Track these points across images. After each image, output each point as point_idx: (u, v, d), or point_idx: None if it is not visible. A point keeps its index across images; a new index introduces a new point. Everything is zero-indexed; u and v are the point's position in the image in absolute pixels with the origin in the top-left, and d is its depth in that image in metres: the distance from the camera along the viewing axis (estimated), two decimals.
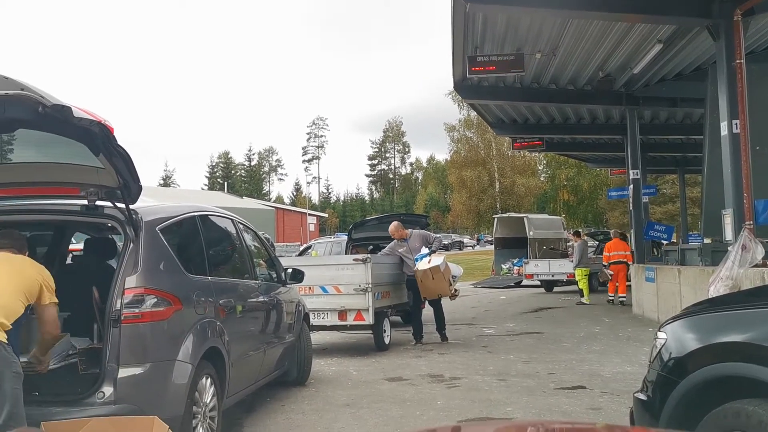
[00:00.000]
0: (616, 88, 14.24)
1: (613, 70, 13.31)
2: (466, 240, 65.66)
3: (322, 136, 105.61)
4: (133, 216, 4.24)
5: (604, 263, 16.07)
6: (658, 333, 3.42)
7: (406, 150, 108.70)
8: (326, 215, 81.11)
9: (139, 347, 4.05)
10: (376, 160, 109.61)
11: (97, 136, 3.53)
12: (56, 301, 3.90)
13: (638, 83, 14.12)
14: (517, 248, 23.92)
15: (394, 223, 10.59)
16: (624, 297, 15.32)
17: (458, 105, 43.74)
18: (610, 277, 15.84)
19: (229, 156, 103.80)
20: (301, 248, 23.89)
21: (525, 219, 24.08)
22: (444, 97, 48.57)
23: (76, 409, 3.81)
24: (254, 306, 5.79)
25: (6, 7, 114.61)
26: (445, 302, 10.42)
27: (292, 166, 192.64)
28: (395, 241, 10.40)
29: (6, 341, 3.42)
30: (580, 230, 22.75)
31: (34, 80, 3.25)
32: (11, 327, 3.56)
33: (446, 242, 49.48)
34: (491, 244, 51.09)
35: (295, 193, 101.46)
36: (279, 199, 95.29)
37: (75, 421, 3.62)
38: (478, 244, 60.75)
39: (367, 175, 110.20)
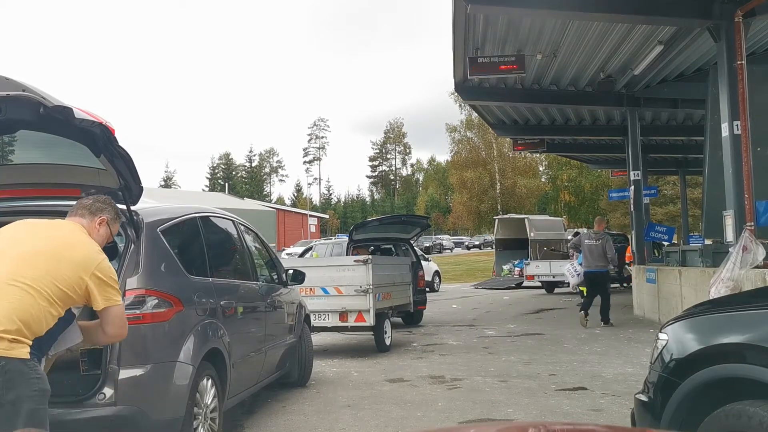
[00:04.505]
0: (617, 90, 14.24)
1: (614, 71, 13.31)
2: (445, 241, 59.72)
3: (323, 137, 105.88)
4: (134, 217, 4.23)
5: (626, 262, 18.52)
6: (660, 334, 3.41)
7: (407, 151, 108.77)
8: (327, 216, 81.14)
9: (140, 348, 4.04)
10: (377, 161, 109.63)
11: (99, 138, 3.52)
12: (117, 302, 3.19)
13: (639, 84, 14.12)
14: (518, 249, 23.93)
15: (598, 218, 13.33)
16: None
17: (459, 106, 43.87)
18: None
19: (230, 157, 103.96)
20: (282, 253, 23.74)
21: (526, 220, 24.10)
22: (445, 99, 48.89)
23: (77, 410, 3.81)
24: (255, 307, 5.79)
25: (6, 7, 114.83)
26: (449, 304, 10.42)
27: (293, 167, 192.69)
28: (607, 235, 12.19)
29: (29, 357, 2.83)
30: (579, 231, 22.74)
31: (35, 81, 3.25)
32: (44, 334, 2.94)
33: (428, 244, 49.29)
34: (490, 247, 50.93)
35: (296, 194, 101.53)
36: (280, 200, 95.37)
37: None
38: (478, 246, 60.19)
39: (368, 177, 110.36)
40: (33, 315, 2.90)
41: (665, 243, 16.51)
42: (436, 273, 22.99)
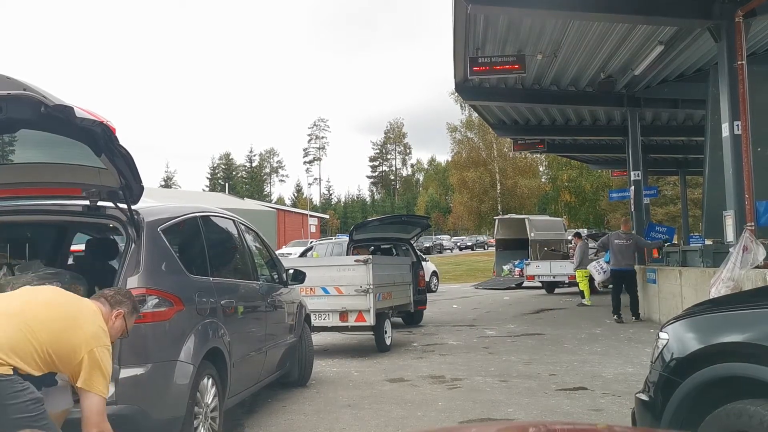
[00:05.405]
0: (617, 90, 14.25)
1: (615, 71, 13.32)
2: (445, 241, 60.51)
3: (323, 137, 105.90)
4: (135, 216, 4.23)
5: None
6: (660, 333, 3.41)
7: (407, 151, 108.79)
8: (327, 216, 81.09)
9: (140, 348, 4.04)
10: (377, 162, 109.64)
11: (99, 137, 3.53)
12: (101, 392, 3.18)
13: (639, 85, 14.13)
14: (518, 250, 23.93)
15: (625, 218, 14.59)
16: None
17: (460, 106, 43.84)
18: None
19: (231, 157, 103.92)
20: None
21: (526, 220, 24.07)
22: (445, 99, 49.05)
23: (78, 409, 3.80)
24: (255, 307, 5.79)
25: (6, 7, 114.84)
26: (449, 304, 10.42)
27: (293, 167, 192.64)
28: (636, 234, 13.19)
29: (11, 373, 2.94)
30: (580, 232, 22.74)
31: (36, 80, 3.25)
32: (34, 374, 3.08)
33: (428, 245, 49.60)
34: (483, 248, 50.70)
35: (296, 195, 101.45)
36: (280, 201, 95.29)
37: None
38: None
39: (368, 177, 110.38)
40: (22, 350, 3.04)
41: (666, 243, 16.49)
42: (434, 273, 22.92)
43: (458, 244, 60.53)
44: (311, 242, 29.27)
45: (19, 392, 2.94)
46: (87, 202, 4.36)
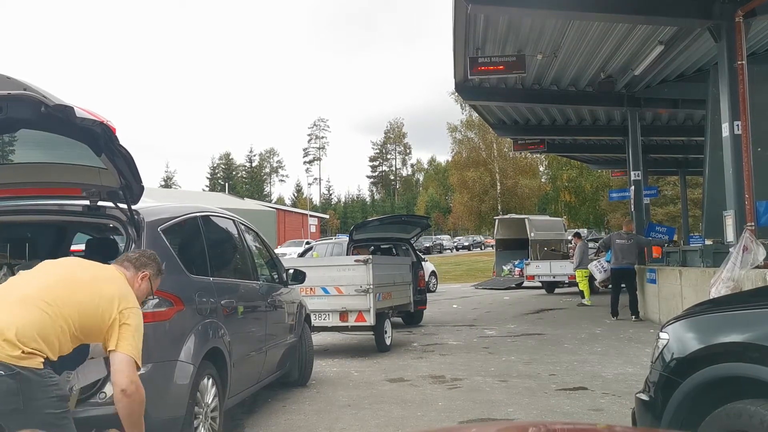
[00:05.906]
0: (617, 90, 14.25)
1: (615, 71, 13.32)
2: (445, 241, 61.54)
3: (323, 137, 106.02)
4: (135, 216, 4.23)
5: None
6: (660, 333, 3.41)
7: (407, 151, 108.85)
8: (327, 216, 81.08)
9: None
10: (377, 162, 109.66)
11: (100, 137, 3.53)
12: (131, 353, 3.15)
13: (639, 84, 14.13)
14: (518, 250, 23.94)
15: (627, 219, 14.84)
16: None
17: (460, 106, 43.80)
18: None
19: (231, 157, 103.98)
20: None
21: (526, 220, 24.07)
22: (445, 99, 48.93)
23: (79, 409, 3.80)
24: (256, 307, 5.79)
25: (6, 7, 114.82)
26: (449, 304, 10.41)
27: (293, 167, 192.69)
28: (636, 235, 13.48)
29: (42, 367, 2.91)
30: (579, 232, 22.73)
31: (36, 80, 3.25)
32: (58, 358, 3.05)
33: (428, 245, 50.01)
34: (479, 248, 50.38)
35: (296, 194, 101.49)
36: (280, 201, 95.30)
37: None
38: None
39: (368, 177, 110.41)
40: (51, 333, 3.01)
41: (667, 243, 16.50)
42: (433, 273, 22.86)
43: (455, 244, 60.60)
44: (306, 242, 29.22)
45: (49, 387, 2.93)
46: (87, 202, 4.36)
